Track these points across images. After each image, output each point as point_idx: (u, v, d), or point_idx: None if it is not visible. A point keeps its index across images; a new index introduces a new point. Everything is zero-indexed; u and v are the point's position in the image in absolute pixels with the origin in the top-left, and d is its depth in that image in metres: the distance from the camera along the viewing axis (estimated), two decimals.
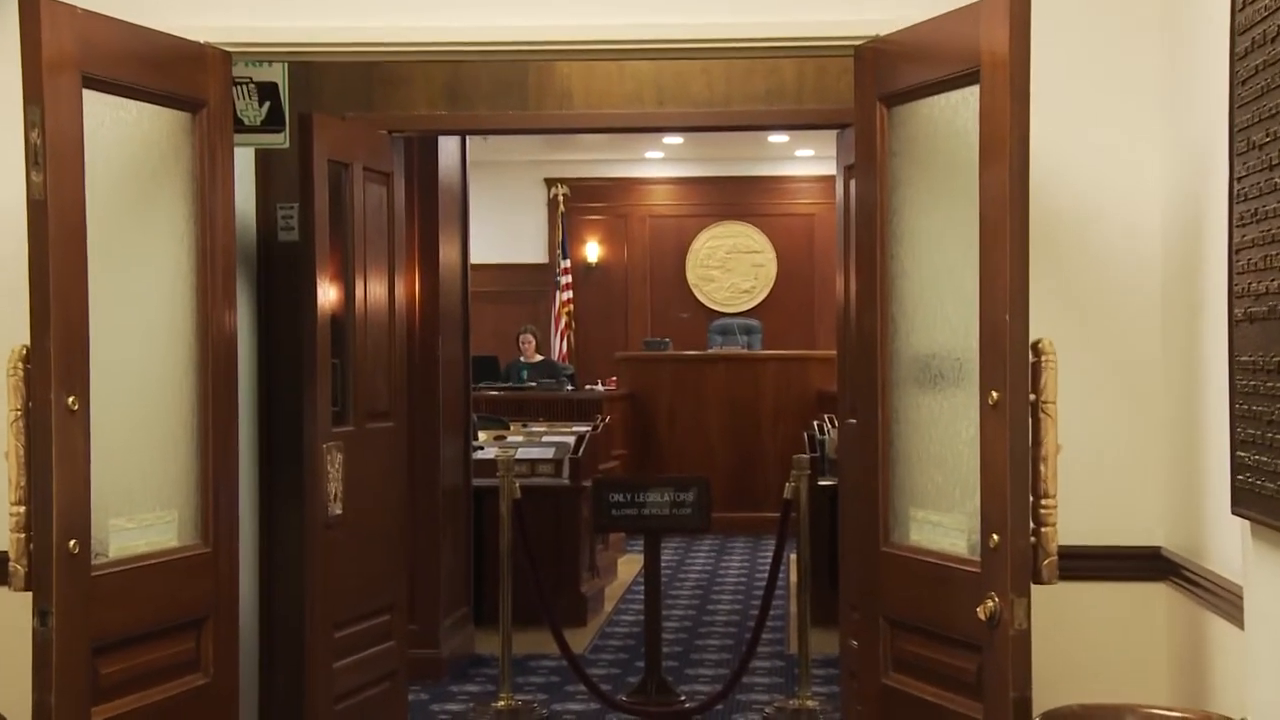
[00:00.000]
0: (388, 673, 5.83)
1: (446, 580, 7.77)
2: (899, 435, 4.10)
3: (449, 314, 7.94)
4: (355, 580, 5.56)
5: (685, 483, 7.29)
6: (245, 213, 5.68)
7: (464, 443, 8.26)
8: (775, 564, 7.09)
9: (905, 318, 4.10)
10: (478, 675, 7.71)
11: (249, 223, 5.79)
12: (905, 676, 4.01)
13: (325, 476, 5.35)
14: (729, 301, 16.57)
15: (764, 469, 13.22)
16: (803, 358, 13.82)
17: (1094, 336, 4.36)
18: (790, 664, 7.83)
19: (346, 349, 5.58)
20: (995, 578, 3.52)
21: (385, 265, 5.82)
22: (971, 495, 3.72)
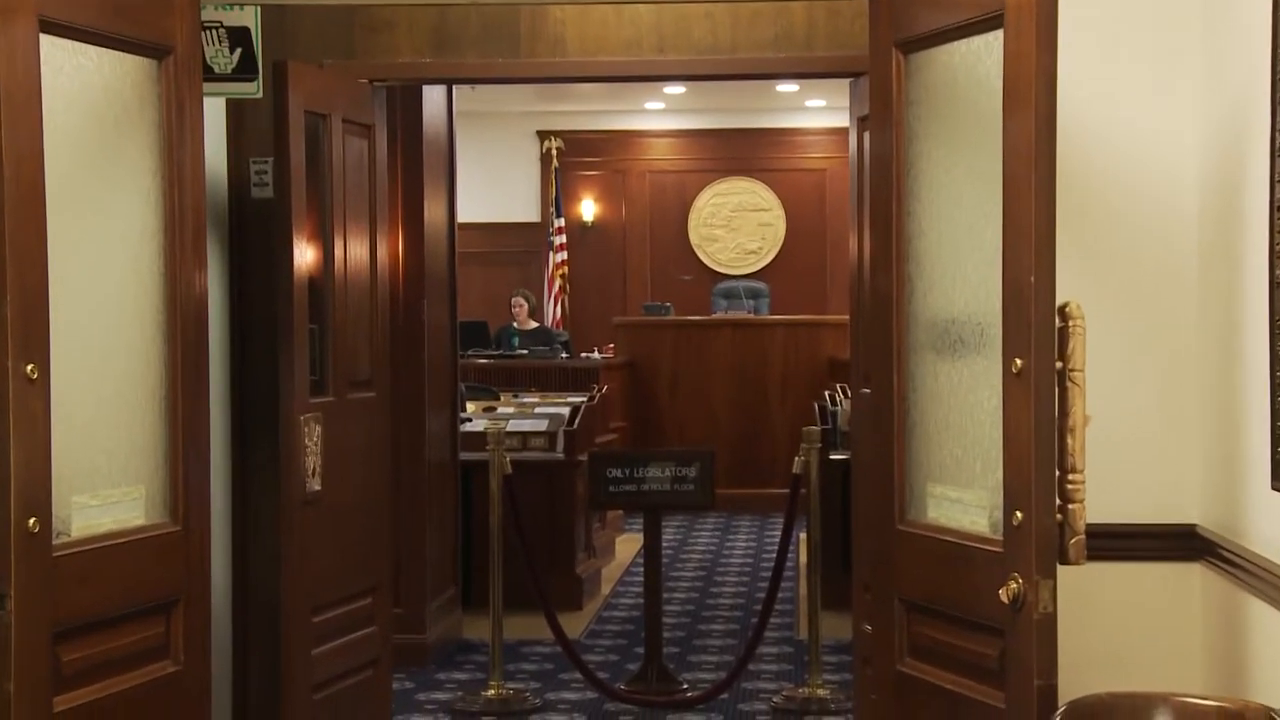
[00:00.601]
0: (370, 660, 5.84)
1: (433, 561, 7.78)
2: (916, 406, 4.09)
3: (435, 276, 7.93)
4: (335, 561, 5.57)
5: (688, 457, 7.29)
6: (216, 168, 5.66)
7: (451, 414, 8.26)
8: (784, 543, 7.10)
9: (923, 279, 4.09)
10: (466, 662, 7.73)
11: (220, 178, 5.77)
12: (922, 663, 4.02)
13: (303, 450, 5.35)
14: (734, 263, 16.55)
15: (771, 442, 13.23)
16: (813, 323, 13.81)
17: (1125, 299, 4.35)
18: (799, 650, 7.85)
19: (325, 314, 5.57)
20: (1019, 558, 3.53)
21: (366, 224, 5.81)
22: (993, 470, 3.72)
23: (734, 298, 15.20)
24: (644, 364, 13.62)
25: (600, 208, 16.77)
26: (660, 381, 13.57)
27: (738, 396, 13.41)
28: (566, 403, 10.53)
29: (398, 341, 7.31)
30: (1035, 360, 3.51)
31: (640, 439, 13.28)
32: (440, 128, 8.09)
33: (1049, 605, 3.49)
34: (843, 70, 5.87)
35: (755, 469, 13.24)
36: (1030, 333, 3.52)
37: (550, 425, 9.51)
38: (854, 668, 6.01)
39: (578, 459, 9.16)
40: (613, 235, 16.76)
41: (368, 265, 5.82)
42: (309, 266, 5.46)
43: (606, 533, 10.74)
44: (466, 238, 9.79)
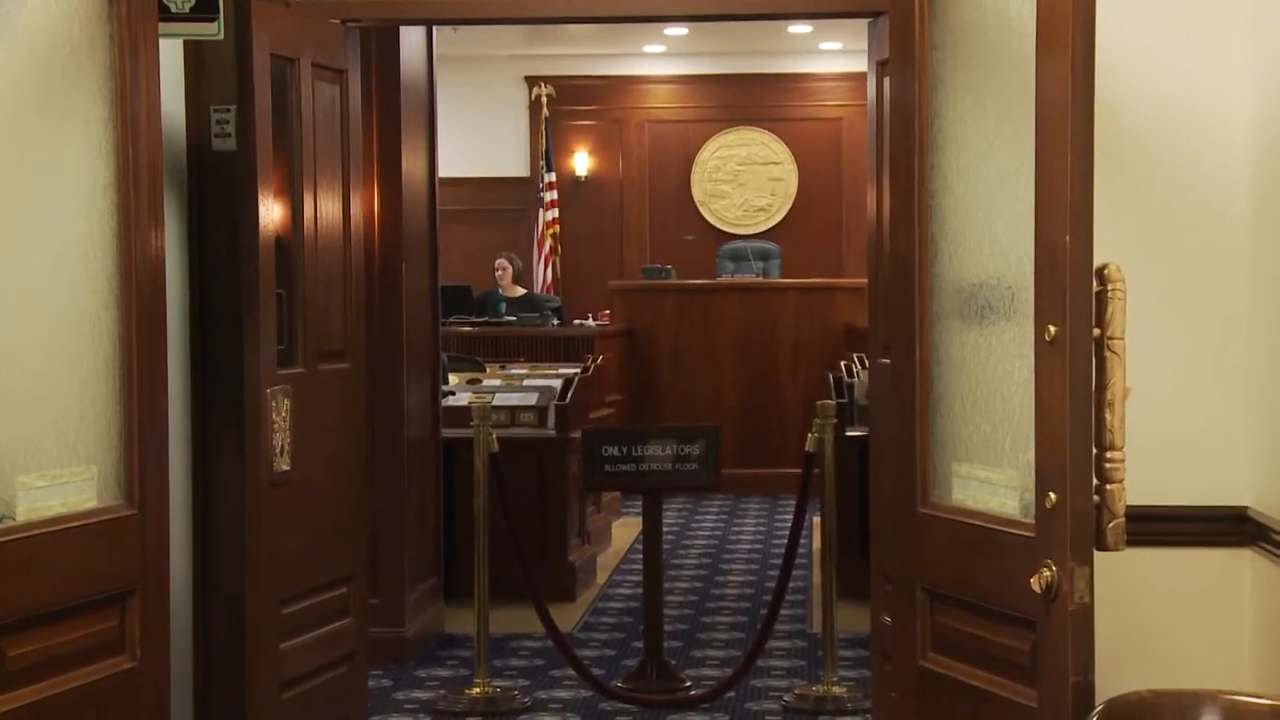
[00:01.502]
0: (344, 655, 5.85)
1: (412, 547, 7.80)
2: (940, 377, 4.09)
3: (414, 237, 7.92)
4: (305, 547, 5.58)
5: (691, 433, 7.30)
6: (173, 117, 5.65)
7: (432, 387, 8.26)
8: (796, 528, 7.11)
9: (948, 239, 4.09)
10: (449, 658, 7.75)
11: (178, 128, 5.76)
12: (946, 658, 4.03)
13: (269, 426, 5.35)
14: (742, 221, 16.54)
15: (783, 417, 13.23)
16: (828, 287, 13.80)
17: (1170, 260, 4.35)
18: (813, 644, 7.87)
19: (294, 277, 5.57)
20: (1052, 543, 3.53)
21: (339, 179, 5.80)
22: (1024, 447, 3.72)
23: (741, 260, 15.19)
24: (643, 332, 13.61)
25: (595, 161, 16.75)
26: (660, 351, 13.57)
27: (745, 367, 13.41)
28: (558, 375, 10.53)
29: (373, 308, 7.31)
30: (1070, 327, 3.51)
31: (639, 414, 13.28)
32: (419, 73, 8.06)
33: (1085, 595, 3.50)
34: (860, 10, 5.85)
35: (764, 446, 13.24)
36: (1065, 297, 3.51)
37: (540, 399, 9.51)
38: (872, 663, 6.02)
39: (570, 436, 9.16)
40: (608, 191, 16.73)
41: (340, 224, 5.82)
42: (276, 225, 5.45)
43: (602, 516, 10.75)
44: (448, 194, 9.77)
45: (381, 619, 7.39)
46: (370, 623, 6.34)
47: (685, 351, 13.53)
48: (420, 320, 8.05)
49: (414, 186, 7.94)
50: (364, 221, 6.39)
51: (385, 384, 7.60)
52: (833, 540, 7.05)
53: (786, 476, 12.11)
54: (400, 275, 7.69)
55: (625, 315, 13.73)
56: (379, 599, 7.43)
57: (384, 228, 7.65)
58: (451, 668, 7.54)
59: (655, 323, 13.61)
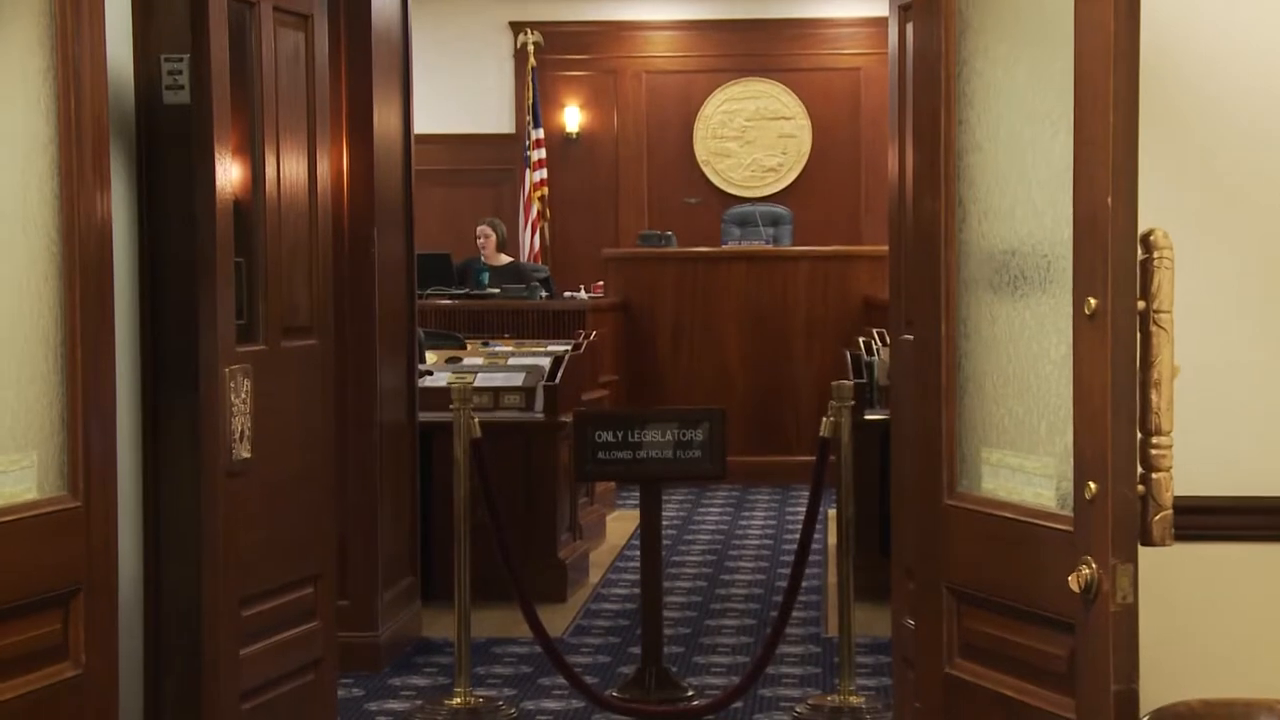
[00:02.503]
0: (311, 661, 5.86)
1: (386, 544, 7.80)
2: (968, 355, 4.10)
3: (387, 200, 7.92)
4: (268, 543, 5.58)
5: (693, 417, 7.30)
6: (120, 67, 5.63)
7: (408, 367, 8.26)
8: (809, 522, 7.12)
9: (977, 203, 4.08)
10: (427, 665, 7.76)
11: (125, 80, 5.75)
12: (975, 664, 4.03)
13: (228, 410, 5.35)
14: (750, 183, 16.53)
15: (795, 399, 13.24)
16: (845, 255, 13.80)
17: (1222, 226, 4.35)
18: (828, 650, 7.88)
19: (254, 245, 5.57)
20: (1092, 538, 3.54)
21: (304, 136, 5.80)
22: (1062, 432, 3.72)
23: (749, 225, 15.19)
24: (640, 306, 13.61)
25: (587, 116, 16.73)
26: (660, 327, 13.57)
27: (754, 345, 13.42)
28: (546, 352, 10.54)
29: (343, 279, 7.30)
30: (1113, 299, 3.51)
31: (636, 396, 13.29)
32: (393, 18, 8.05)
33: (1129, 595, 3.50)
34: None
35: (775, 432, 13.25)
36: (1107, 266, 3.51)
37: (527, 379, 9.52)
38: (893, 671, 6.03)
39: (560, 420, 9.17)
40: (602, 150, 16.72)
41: (305, 186, 5.81)
42: (234, 187, 5.45)
43: (596, 509, 10.77)
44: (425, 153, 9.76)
45: (352, 622, 7.39)
46: (340, 626, 6.35)
47: (687, 327, 13.54)
48: (394, 292, 8.04)
49: (387, 144, 7.92)
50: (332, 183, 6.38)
51: (356, 363, 7.60)
52: (850, 535, 7.05)
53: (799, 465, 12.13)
54: (372, 243, 7.68)
55: (621, 287, 13.72)
56: (349, 600, 7.44)
57: (354, 190, 7.64)
58: (429, 676, 7.55)
59: (654, 295, 13.61)
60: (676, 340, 13.54)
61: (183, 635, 5.76)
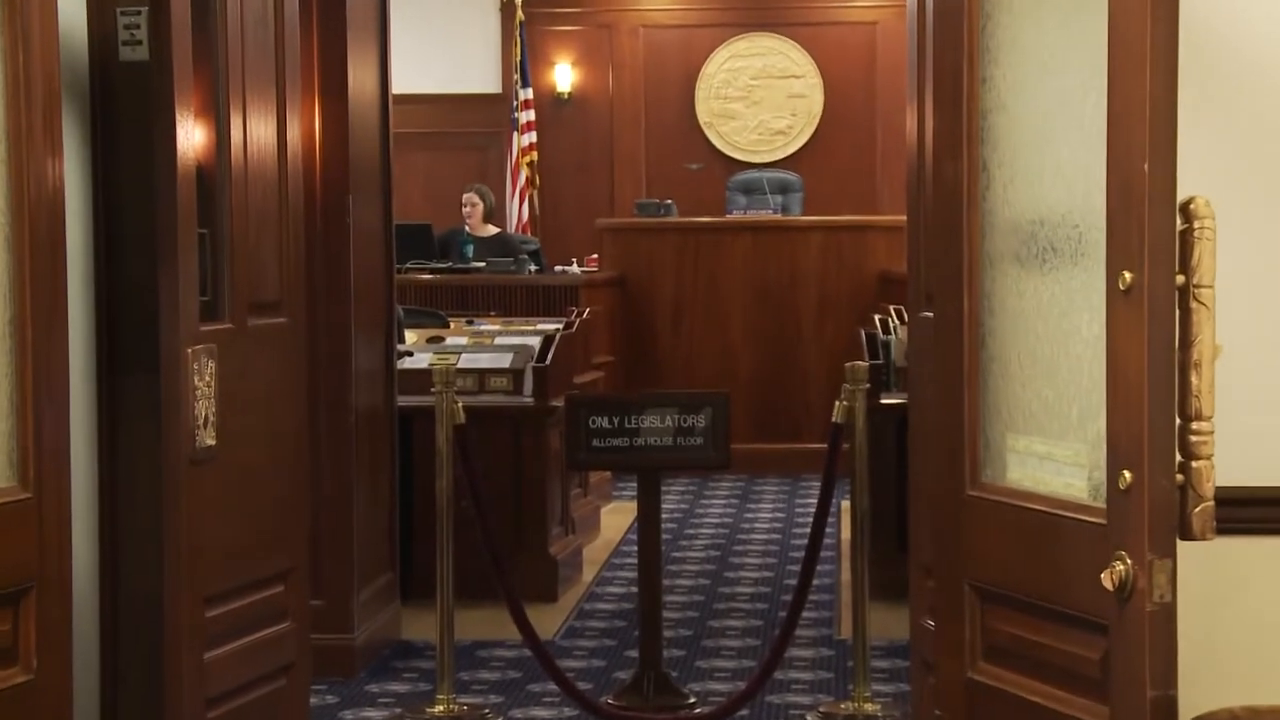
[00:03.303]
0: (281, 666, 5.87)
1: (363, 538, 7.81)
2: (993, 333, 4.10)
3: (363, 166, 7.91)
4: (235, 537, 5.58)
5: (695, 401, 7.30)
6: (73, 21, 5.63)
7: (386, 347, 8.26)
8: (821, 515, 7.12)
9: (1003, 168, 4.08)
10: (406, 669, 7.77)
11: (78, 35, 5.74)
12: (1000, 668, 4.04)
13: (191, 393, 5.35)
14: (756, 147, 16.52)
15: (805, 382, 13.25)
16: (859, 226, 13.80)
17: (1268, 193, 4.35)
18: (841, 653, 7.89)
19: (219, 215, 5.56)
20: (1127, 531, 3.54)
21: (273, 96, 5.79)
22: (1094, 417, 3.73)
23: (756, 193, 15.19)
24: (638, 280, 13.61)
25: (580, 75, 16.71)
26: (659, 304, 13.57)
27: (760, 322, 13.42)
28: (536, 331, 10.53)
29: (315, 251, 7.30)
30: (1149, 273, 3.51)
31: (633, 378, 13.29)
32: None
33: (1166, 593, 3.50)
34: None
35: (783, 417, 13.26)
36: (1143, 238, 3.52)
37: (515, 361, 9.51)
38: (911, 676, 6.04)
39: (551, 405, 9.16)
40: (596, 111, 16.70)
41: (275, 151, 5.80)
42: (197, 152, 5.44)
43: (590, 501, 10.77)
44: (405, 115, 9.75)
45: (326, 623, 7.40)
46: (313, 628, 6.35)
47: (688, 304, 13.53)
48: (371, 266, 8.04)
49: (363, 105, 7.91)
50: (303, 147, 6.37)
51: (329, 343, 7.60)
52: (864, 529, 7.06)
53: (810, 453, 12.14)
54: (347, 212, 7.68)
55: (617, 260, 13.72)
56: (323, 600, 7.44)
57: (327, 155, 7.63)
58: (409, 681, 7.56)
59: (653, 269, 13.60)
60: (677, 318, 13.54)
61: (142, 637, 5.76)
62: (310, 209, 7.12)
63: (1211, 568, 4.12)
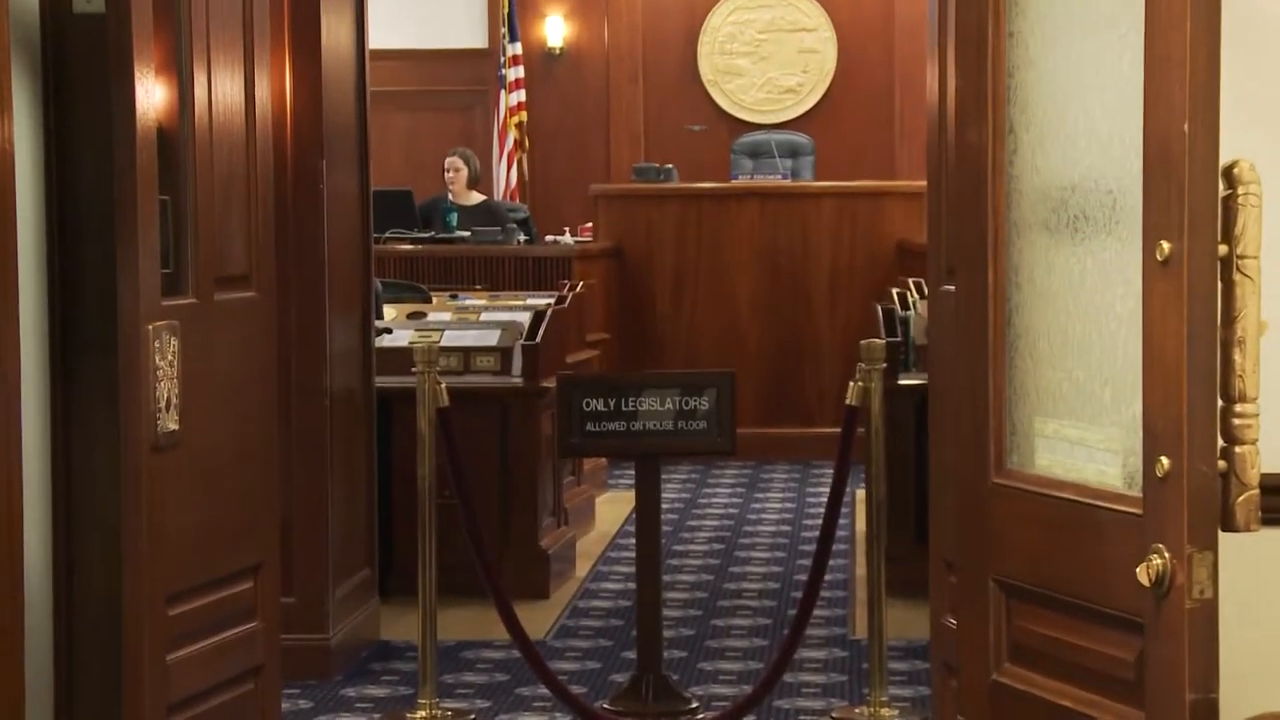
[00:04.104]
0: (250, 668, 5.87)
1: (338, 530, 7.81)
2: (1020, 308, 4.10)
3: (338, 127, 7.90)
4: (200, 530, 5.59)
5: (698, 382, 7.30)
6: None
7: (363, 323, 8.26)
8: (833, 505, 7.12)
9: (1031, 130, 4.09)
10: (385, 672, 7.77)
11: None
12: (1027, 670, 4.05)
13: (151, 374, 5.35)
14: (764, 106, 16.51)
15: (817, 361, 13.25)
16: (876, 192, 13.80)
17: None
18: (856, 654, 7.90)
19: (182, 180, 5.56)
20: (1165, 522, 3.55)
21: (240, 52, 5.79)
22: (1129, 399, 3.73)
23: (764, 156, 15.18)
24: (635, 252, 13.60)
25: (572, 29, 16.70)
26: (659, 276, 13.57)
27: (769, 297, 13.42)
28: (525, 307, 10.53)
29: (286, 220, 7.29)
30: (1189, 243, 3.51)
31: (631, 358, 13.29)
32: None
33: (1207, 589, 3.51)
34: None
35: (793, 399, 13.26)
36: (1183, 204, 3.52)
37: (503, 338, 9.51)
38: (932, 678, 6.05)
39: (542, 386, 9.17)
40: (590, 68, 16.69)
41: (242, 111, 5.80)
42: (158, 112, 5.44)
43: (583, 490, 10.77)
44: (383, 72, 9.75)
45: (298, 622, 7.40)
46: (284, 627, 6.36)
47: (691, 276, 13.53)
48: (347, 236, 8.04)
49: (337, 62, 7.91)
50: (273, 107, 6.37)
51: (302, 319, 7.59)
52: (881, 520, 7.06)
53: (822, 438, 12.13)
54: (320, 178, 7.67)
55: (613, 229, 13.72)
56: (295, 597, 7.44)
57: (299, 115, 7.63)
58: (389, 685, 7.57)
59: (651, 239, 13.60)
60: (678, 292, 13.54)
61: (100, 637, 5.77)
62: (280, 174, 7.12)
63: (1256, 561, 4.13)
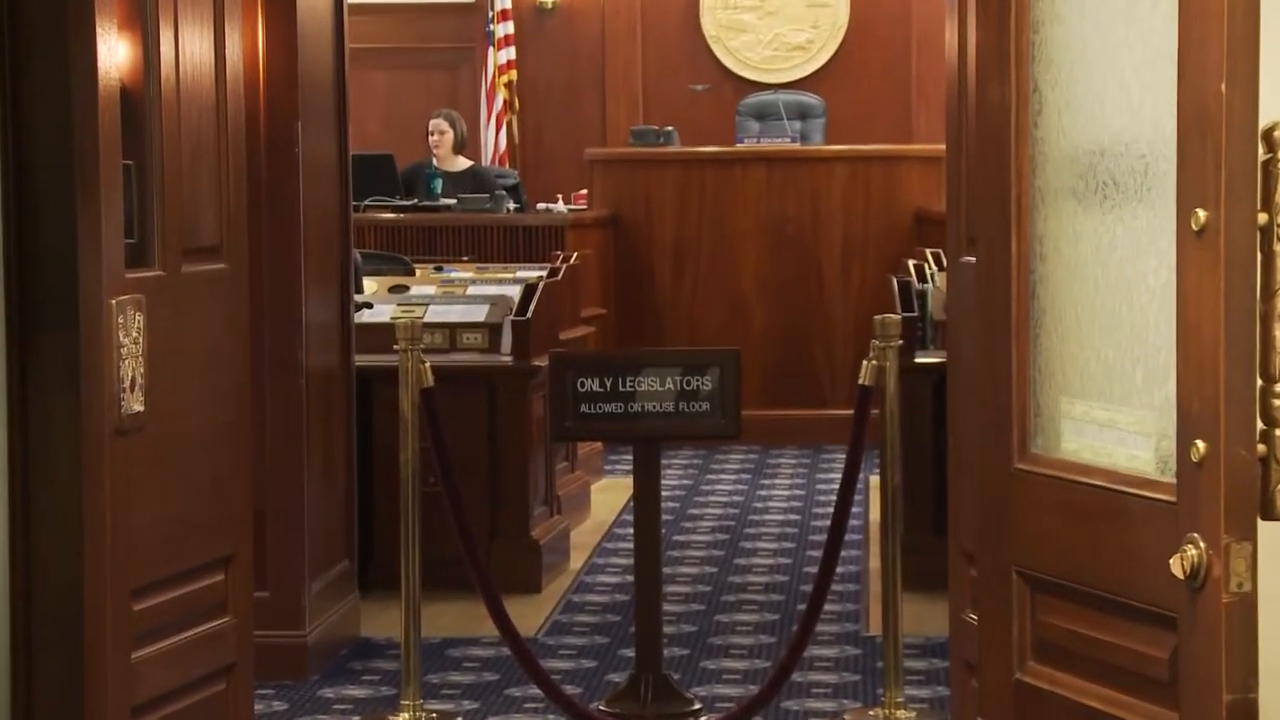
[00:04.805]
0: (221, 667, 5.88)
1: (315, 520, 7.82)
2: (1045, 281, 4.11)
3: (314, 87, 7.90)
4: (167, 520, 5.59)
5: (701, 361, 7.30)
6: None
7: (341, 297, 8.26)
8: (845, 492, 7.13)
9: (1058, 90, 4.09)
10: (366, 671, 7.78)
11: None
12: (1052, 669, 4.05)
13: (114, 352, 5.36)
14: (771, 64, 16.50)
15: (828, 338, 13.25)
16: (892, 157, 13.80)
17: None
18: (870, 652, 7.91)
19: (147, 143, 5.56)
20: (1200, 510, 3.55)
21: (209, 5, 5.79)
22: (1162, 379, 3.73)
23: (771, 118, 15.18)
24: (633, 221, 13.60)
25: None
26: (658, 247, 13.57)
27: (776, 269, 13.42)
28: (516, 280, 10.54)
29: (260, 187, 7.29)
30: (1227, 211, 3.52)
31: (628, 334, 13.30)
32: None
33: (1245, 581, 3.52)
34: None
35: (803, 379, 13.27)
36: (1220, 170, 3.52)
37: (491, 314, 9.52)
38: (951, 677, 6.06)
39: (533, 365, 9.17)
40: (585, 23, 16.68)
41: (211, 70, 5.80)
42: (121, 71, 5.44)
43: (578, 477, 10.78)
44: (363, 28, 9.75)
45: (273, 618, 7.40)
46: (258, 623, 6.37)
47: (692, 247, 13.53)
48: (324, 204, 8.03)
49: (314, 16, 7.90)
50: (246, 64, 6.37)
51: (276, 292, 7.59)
52: (896, 508, 7.07)
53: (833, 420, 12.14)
54: (296, 141, 7.67)
55: (609, 197, 13.71)
56: (269, 591, 7.45)
57: (273, 74, 7.62)
58: (369, 685, 7.58)
59: (651, 207, 13.60)
60: (679, 264, 13.53)
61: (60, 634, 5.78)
62: (253, 138, 7.12)
63: None
